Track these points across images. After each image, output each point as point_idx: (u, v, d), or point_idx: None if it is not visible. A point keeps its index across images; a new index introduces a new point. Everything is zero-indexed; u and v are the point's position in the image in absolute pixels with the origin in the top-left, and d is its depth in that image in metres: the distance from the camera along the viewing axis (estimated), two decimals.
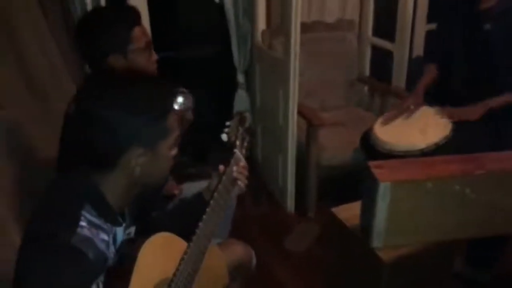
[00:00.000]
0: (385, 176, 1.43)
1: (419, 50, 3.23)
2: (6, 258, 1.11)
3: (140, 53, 1.51)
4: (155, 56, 1.59)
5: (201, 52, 3.28)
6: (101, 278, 1.04)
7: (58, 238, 0.95)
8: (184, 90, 1.76)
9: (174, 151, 1.13)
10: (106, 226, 1.06)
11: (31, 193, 1.59)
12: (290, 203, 2.76)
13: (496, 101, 2.06)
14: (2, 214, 1.41)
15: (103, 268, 1.04)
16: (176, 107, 1.66)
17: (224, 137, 1.43)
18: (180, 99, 1.72)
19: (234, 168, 1.36)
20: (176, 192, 1.97)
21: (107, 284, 1.05)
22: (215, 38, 3.21)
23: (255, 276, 2.06)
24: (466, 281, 2.15)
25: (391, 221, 1.48)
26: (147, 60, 1.54)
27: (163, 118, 1.06)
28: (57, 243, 0.95)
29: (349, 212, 1.71)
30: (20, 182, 1.64)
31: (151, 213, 1.36)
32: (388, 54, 3.05)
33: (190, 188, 1.87)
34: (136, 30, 1.51)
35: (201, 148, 3.14)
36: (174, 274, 1.14)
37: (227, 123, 1.46)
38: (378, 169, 1.47)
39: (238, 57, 2.94)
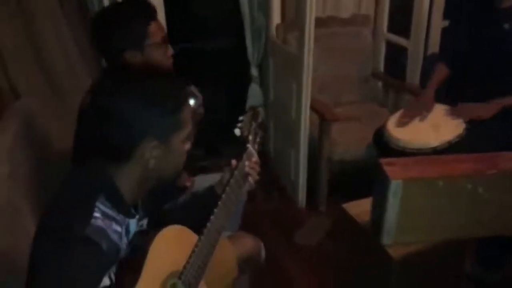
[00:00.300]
0: (396, 174, 1.43)
1: (434, 47, 3.20)
2: (21, 249, 1.13)
3: (156, 48, 1.53)
4: (171, 51, 1.61)
5: (215, 44, 3.29)
6: (113, 269, 1.06)
7: (72, 229, 0.97)
8: (192, 90, 1.76)
9: (187, 145, 1.14)
10: (119, 217, 1.07)
11: (46, 184, 1.62)
12: (301, 198, 2.77)
13: (510, 100, 2.04)
14: (17, 205, 1.44)
15: (115, 259, 1.06)
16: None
17: (237, 132, 1.44)
18: (191, 100, 1.73)
19: (246, 163, 1.37)
20: (188, 184, 1.99)
21: (119, 275, 1.07)
22: (230, 31, 3.22)
23: (265, 270, 2.07)
24: (475, 281, 2.14)
25: (401, 219, 1.48)
26: (163, 55, 1.56)
27: (177, 112, 1.08)
28: (72, 234, 0.97)
29: (359, 208, 1.70)
30: (35, 173, 1.67)
31: (164, 205, 1.38)
32: (403, 51, 3.02)
33: (202, 181, 1.88)
34: (153, 25, 1.52)
35: (214, 141, 3.16)
36: (185, 267, 1.16)
37: (240, 118, 1.47)
38: (390, 166, 1.47)
39: (252, 51, 2.95)
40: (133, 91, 1.05)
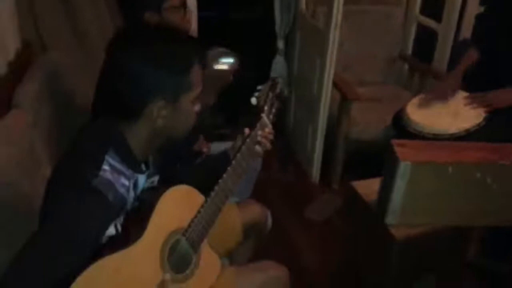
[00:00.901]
0: (406, 156, 1.45)
1: (467, 32, 3.14)
2: (39, 194, 1.19)
3: (174, 11, 1.56)
4: (190, 15, 1.63)
5: (243, 14, 3.27)
6: (120, 220, 1.11)
7: (81, 179, 1.02)
8: (228, 51, 1.78)
9: (197, 107, 1.17)
10: (127, 172, 1.11)
11: (67, 135, 1.67)
12: (315, 173, 2.79)
13: None
14: (38, 153, 1.50)
15: (121, 211, 1.11)
16: (223, 67, 1.71)
17: (253, 100, 1.45)
18: (228, 59, 1.74)
19: (259, 132, 1.39)
20: (205, 149, 2.03)
21: (126, 226, 1.12)
22: (260, 2, 3.20)
23: (272, 240, 2.12)
24: (481, 271, 2.15)
25: (407, 200, 1.50)
26: (181, 19, 1.59)
27: (185, 73, 1.10)
28: (81, 183, 1.02)
29: (369, 187, 1.73)
30: (58, 124, 1.73)
31: (176, 165, 1.42)
32: (433, 34, 2.97)
33: (219, 148, 1.92)
34: None
35: (235, 110, 3.19)
36: (189, 225, 1.21)
37: (258, 87, 1.48)
38: (400, 147, 1.48)
39: (280, 23, 2.94)
40: (144, 50, 1.07)
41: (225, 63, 1.72)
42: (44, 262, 0.97)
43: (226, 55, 1.75)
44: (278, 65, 3.06)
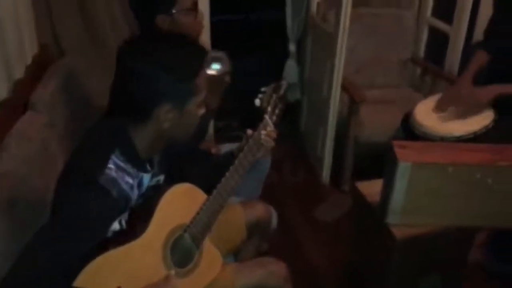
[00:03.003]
0: (406, 156, 1.47)
1: (480, 36, 3.12)
2: (52, 191, 1.26)
3: (186, 14, 1.60)
4: (201, 17, 1.67)
5: (257, 17, 3.33)
6: (124, 216, 1.17)
7: (88, 176, 1.09)
8: (222, 55, 1.82)
9: (201, 110, 1.22)
10: (132, 171, 1.17)
11: (81, 135, 1.75)
12: (325, 175, 2.82)
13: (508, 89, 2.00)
14: (52, 151, 1.58)
15: (125, 207, 1.17)
16: (211, 72, 1.75)
17: (257, 102, 1.49)
18: (216, 65, 1.78)
19: (262, 132, 1.43)
20: (213, 151, 2.08)
21: (130, 222, 1.18)
22: (273, 5, 3.25)
23: (281, 240, 2.15)
24: (491, 273, 2.15)
25: (408, 200, 1.52)
26: (192, 20, 1.63)
27: (192, 79, 1.16)
28: (87, 180, 1.08)
29: (372, 188, 1.75)
30: (72, 125, 1.80)
31: (181, 164, 1.47)
32: (446, 37, 2.97)
33: (228, 149, 1.97)
34: None
35: (248, 112, 3.23)
36: (191, 222, 1.26)
37: (263, 89, 1.52)
38: (401, 148, 1.51)
39: (291, 26, 2.98)
40: (155, 56, 1.13)
41: (213, 69, 1.77)
42: (50, 253, 1.03)
43: (216, 60, 1.79)
44: (290, 69, 3.09)
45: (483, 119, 2.06)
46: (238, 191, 1.40)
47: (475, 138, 2.01)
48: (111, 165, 1.11)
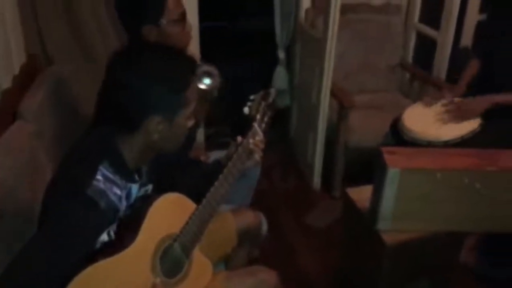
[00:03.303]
0: (395, 162, 1.48)
1: (468, 40, 3.16)
2: (40, 201, 1.24)
3: (174, 24, 1.58)
4: (189, 28, 1.67)
5: (246, 25, 3.34)
6: (113, 227, 1.16)
7: (75, 188, 1.08)
8: (212, 70, 1.81)
9: (191, 122, 1.22)
10: (120, 182, 1.17)
11: (69, 145, 1.74)
12: (316, 181, 2.83)
13: (504, 97, 2.02)
14: (40, 161, 1.56)
15: (114, 219, 1.16)
16: (202, 86, 1.75)
17: (245, 110, 1.49)
18: (207, 80, 1.78)
19: (251, 140, 1.43)
20: (202, 158, 2.08)
21: (118, 232, 1.18)
22: (262, 13, 3.26)
23: (271, 245, 2.14)
24: (480, 277, 2.16)
25: (397, 206, 1.53)
26: (181, 31, 1.62)
27: (181, 91, 1.15)
28: (74, 192, 1.08)
29: (362, 194, 1.76)
30: (61, 134, 1.79)
31: (169, 174, 1.47)
32: (435, 42, 3.00)
33: (218, 156, 1.97)
34: (170, 2, 1.56)
35: (239, 120, 3.23)
36: (181, 231, 1.25)
37: (251, 97, 1.53)
38: (390, 154, 1.52)
39: (280, 33, 2.99)
40: (145, 68, 1.13)
41: (204, 84, 1.77)
42: (38, 265, 1.02)
43: (206, 75, 1.79)
44: (279, 76, 3.10)
45: (470, 124, 2.08)
46: (228, 199, 1.40)
47: (463, 142, 2.03)
48: (99, 177, 1.11)
